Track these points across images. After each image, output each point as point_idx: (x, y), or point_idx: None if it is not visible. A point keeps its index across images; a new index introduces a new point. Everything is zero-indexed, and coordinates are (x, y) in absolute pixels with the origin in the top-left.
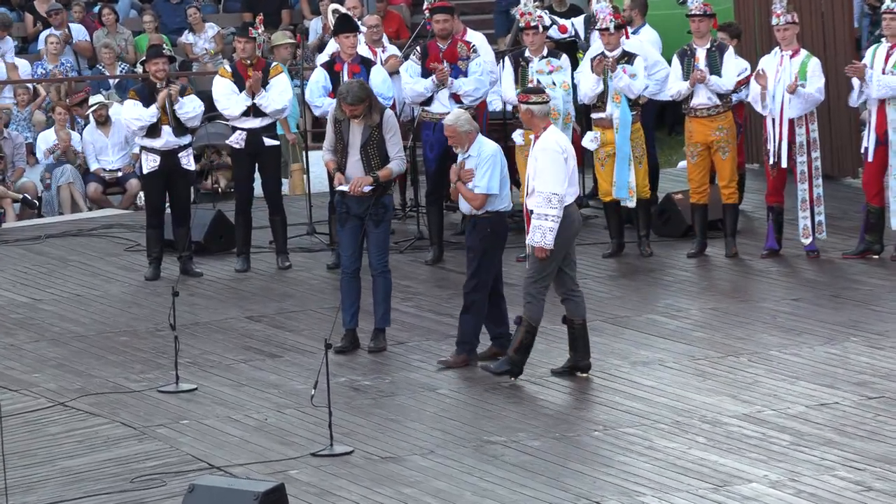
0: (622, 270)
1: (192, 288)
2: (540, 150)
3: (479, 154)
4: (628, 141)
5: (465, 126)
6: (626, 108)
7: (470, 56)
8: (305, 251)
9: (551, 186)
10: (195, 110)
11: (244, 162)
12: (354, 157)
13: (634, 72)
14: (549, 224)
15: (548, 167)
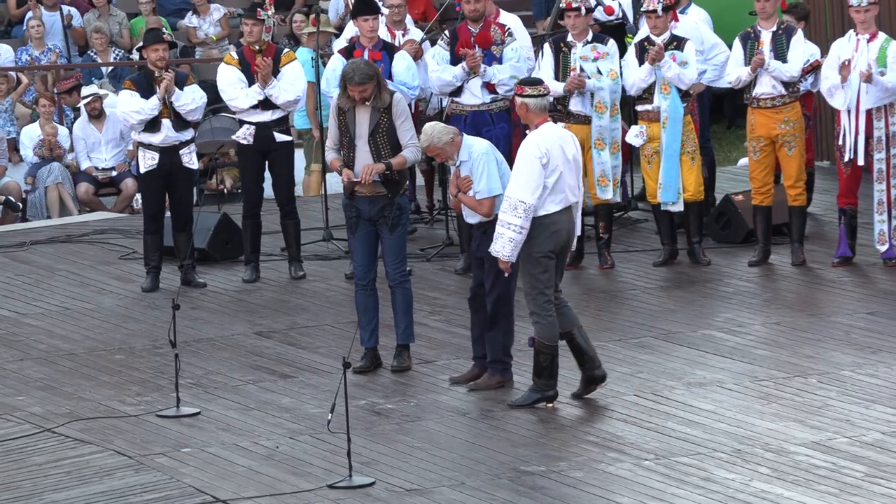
0: (675, 281)
1: (194, 300)
2: (519, 152)
3: (469, 157)
4: (678, 136)
5: (444, 137)
6: (675, 100)
7: (504, 40)
8: (321, 259)
9: (519, 193)
10: (195, 102)
11: (253, 160)
12: (362, 148)
13: (685, 59)
14: (511, 234)
15: (519, 171)
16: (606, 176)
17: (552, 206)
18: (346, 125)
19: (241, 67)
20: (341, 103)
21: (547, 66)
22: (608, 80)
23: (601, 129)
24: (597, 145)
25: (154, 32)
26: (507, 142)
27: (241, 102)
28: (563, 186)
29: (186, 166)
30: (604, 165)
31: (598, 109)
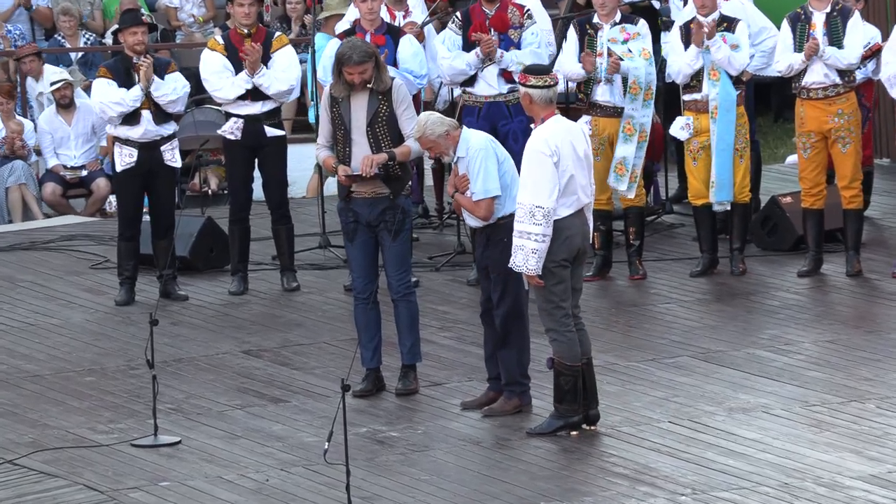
0: (715, 293)
1: (175, 315)
2: (527, 150)
3: (466, 153)
4: (732, 127)
5: (437, 129)
6: (727, 87)
7: (524, 23)
8: (317, 269)
9: (534, 197)
10: (176, 92)
11: (240, 157)
12: (359, 141)
13: (736, 41)
14: (533, 244)
15: (530, 172)
16: (626, 165)
17: (563, 209)
18: (340, 117)
19: (227, 54)
20: (335, 92)
21: (571, 49)
22: (642, 61)
23: (633, 111)
24: (625, 129)
25: (131, 14)
26: (526, 136)
27: (228, 93)
28: (574, 187)
29: (168, 164)
30: (626, 153)
31: (632, 91)
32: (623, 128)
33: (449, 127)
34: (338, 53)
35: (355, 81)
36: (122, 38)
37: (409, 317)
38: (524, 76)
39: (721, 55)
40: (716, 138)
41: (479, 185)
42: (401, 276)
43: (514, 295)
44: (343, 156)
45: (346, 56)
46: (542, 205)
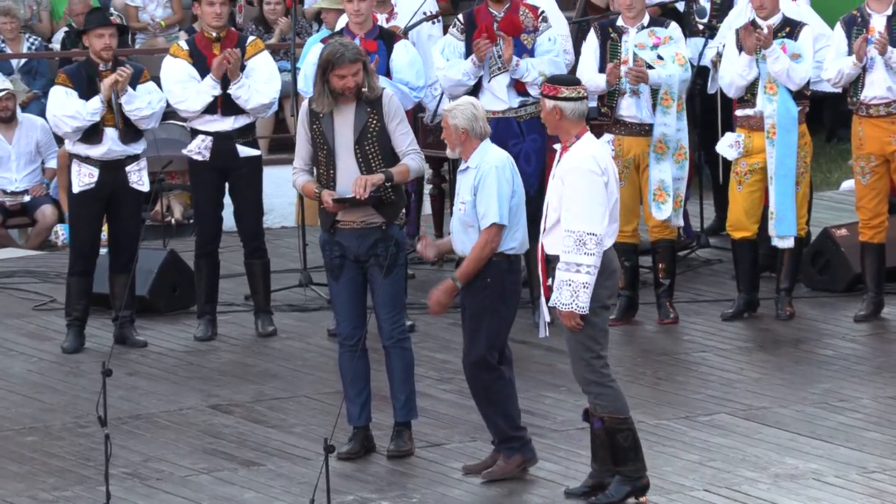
0: (759, 340)
1: (132, 364)
2: (569, 170)
3: (478, 166)
4: (793, 150)
5: (460, 120)
6: (787, 102)
7: (538, 27)
8: (297, 311)
9: (586, 223)
10: (151, 106)
11: (209, 181)
12: (346, 161)
13: (798, 51)
14: (584, 278)
15: (580, 195)
16: (665, 189)
17: (608, 240)
18: (321, 134)
19: (192, 61)
20: (317, 106)
21: (590, 56)
22: (676, 67)
23: (665, 128)
24: (657, 149)
25: (98, 14)
26: (541, 158)
27: (193, 103)
28: (617, 214)
29: (134, 187)
30: (663, 175)
31: (664, 103)
32: (654, 147)
33: (470, 129)
34: (324, 55)
35: (348, 85)
36: (87, 40)
37: (403, 366)
38: (554, 87)
39: (779, 67)
40: (774, 163)
41: (493, 209)
42: (394, 320)
43: (483, 342)
44: (326, 179)
45: (336, 54)
46: (594, 231)
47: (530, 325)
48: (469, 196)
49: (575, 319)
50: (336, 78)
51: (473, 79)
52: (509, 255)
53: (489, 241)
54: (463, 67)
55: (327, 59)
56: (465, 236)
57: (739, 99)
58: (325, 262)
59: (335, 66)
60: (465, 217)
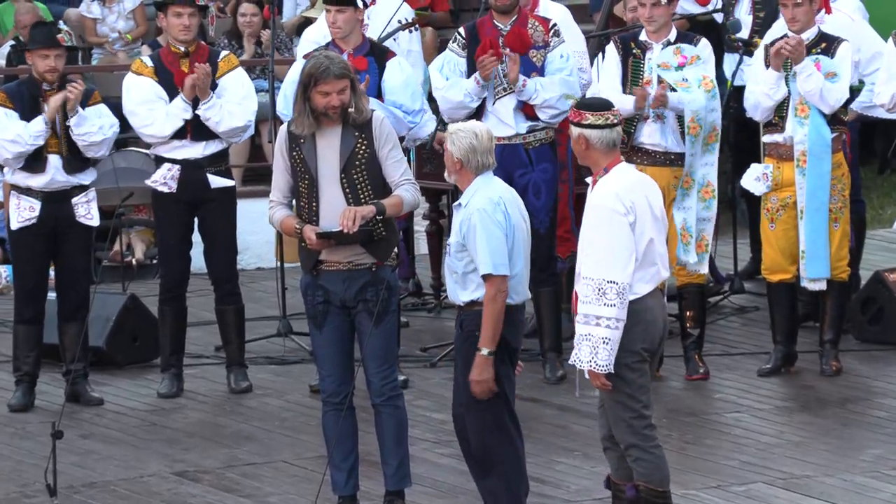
0: (801, 399)
1: (86, 425)
2: (590, 209)
3: (467, 204)
4: (826, 181)
5: (454, 146)
6: (820, 127)
7: (549, 42)
8: (275, 364)
9: (605, 270)
10: (103, 132)
11: (176, 215)
12: (331, 192)
13: (835, 69)
14: (604, 332)
15: (600, 237)
16: (690, 230)
17: (642, 285)
18: (302, 162)
19: (158, 79)
20: (297, 128)
21: (611, 74)
22: (700, 93)
23: (691, 159)
24: (683, 184)
25: (44, 30)
26: (552, 190)
27: (161, 128)
28: (653, 256)
29: (82, 222)
30: (687, 213)
31: (691, 131)
32: (682, 180)
33: (468, 162)
34: (306, 69)
35: (333, 104)
36: (31, 59)
37: (395, 427)
38: (579, 113)
39: (810, 86)
40: (805, 195)
41: (485, 256)
42: (385, 374)
43: (488, 402)
44: (308, 213)
45: (320, 68)
46: (615, 279)
47: (540, 381)
48: (455, 237)
49: (600, 379)
50: (319, 95)
51: (477, 100)
52: (511, 304)
53: (496, 294)
54: (465, 87)
55: (309, 73)
56: (450, 281)
57: (766, 123)
58: (307, 308)
59: (318, 82)
60: (449, 261)
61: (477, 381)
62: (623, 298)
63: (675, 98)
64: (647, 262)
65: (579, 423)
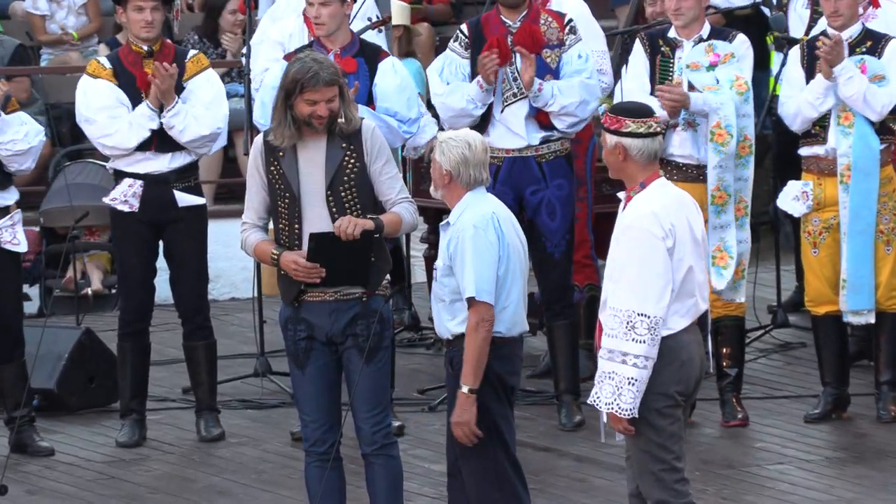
0: (854, 449)
1: (34, 478)
2: (623, 230)
3: (456, 222)
4: (874, 199)
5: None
6: (867, 137)
7: (564, 40)
8: (252, 408)
9: (636, 301)
10: (28, 140)
11: (138, 238)
12: (315, 212)
13: (882, 71)
14: (629, 371)
15: (633, 262)
16: (728, 250)
17: (677, 319)
18: (282, 177)
19: (118, 82)
20: (276, 139)
21: (638, 75)
22: (733, 94)
23: (721, 171)
24: (716, 200)
25: None
26: (567, 210)
27: (124, 139)
28: (692, 286)
29: (6, 248)
30: (725, 232)
31: (716, 138)
32: (712, 197)
33: (459, 176)
34: (291, 73)
35: (319, 114)
36: None
37: (388, 480)
38: (615, 119)
39: (852, 91)
40: (848, 215)
41: (468, 279)
42: (377, 419)
43: (485, 449)
44: (289, 236)
45: (308, 73)
46: (647, 312)
47: (555, 428)
48: (442, 260)
49: (622, 423)
50: (304, 104)
51: (481, 107)
52: (493, 337)
53: (479, 323)
54: (467, 93)
55: (295, 78)
56: (436, 310)
57: (805, 133)
58: (288, 344)
59: (305, 89)
60: (435, 287)
61: (457, 422)
62: (655, 334)
63: (699, 100)
64: (685, 293)
65: (601, 476)
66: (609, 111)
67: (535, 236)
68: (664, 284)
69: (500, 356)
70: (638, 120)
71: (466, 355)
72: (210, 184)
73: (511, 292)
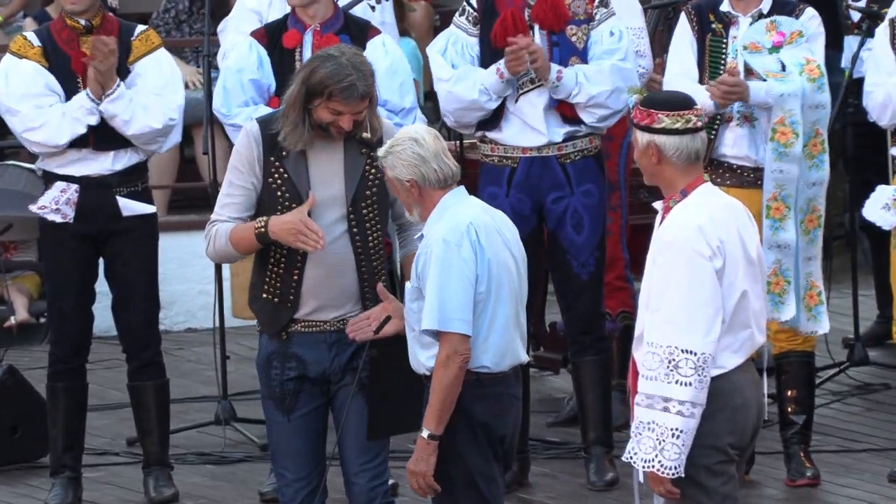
0: None
1: None
2: (661, 248)
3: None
4: None
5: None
6: None
7: (593, 14)
8: (212, 462)
9: (680, 334)
10: None
11: (73, 256)
12: (333, 229)
13: None
14: (673, 421)
15: (675, 287)
16: (786, 275)
17: (729, 356)
18: (287, 181)
19: (48, 64)
20: (290, 141)
21: (684, 57)
22: (801, 81)
23: (782, 178)
24: (771, 212)
25: None
26: (596, 221)
27: (55, 133)
28: (747, 316)
29: None
30: (782, 253)
31: (778, 137)
32: (768, 208)
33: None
34: (320, 75)
35: (343, 127)
36: None
37: None
38: (648, 113)
39: None
40: None
41: (431, 305)
42: (374, 472)
43: None
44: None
45: (343, 84)
46: (693, 348)
47: (582, 487)
48: (410, 283)
49: (665, 484)
50: (327, 111)
51: (496, 100)
52: (478, 373)
53: (450, 356)
54: (480, 80)
55: (323, 82)
56: (412, 345)
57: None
58: (270, 386)
59: (333, 97)
60: (406, 315)
61: (412, 470)
62: (703, 374)
63: (760, 90)
64: (738, 325)
65: None
66: (640, 104)
67: (558, 253)
68: (713, 314)
69: (485, 396)
70: (673, 113)
71: (431, 394)
72: (162, 189)
73: (496, 317)
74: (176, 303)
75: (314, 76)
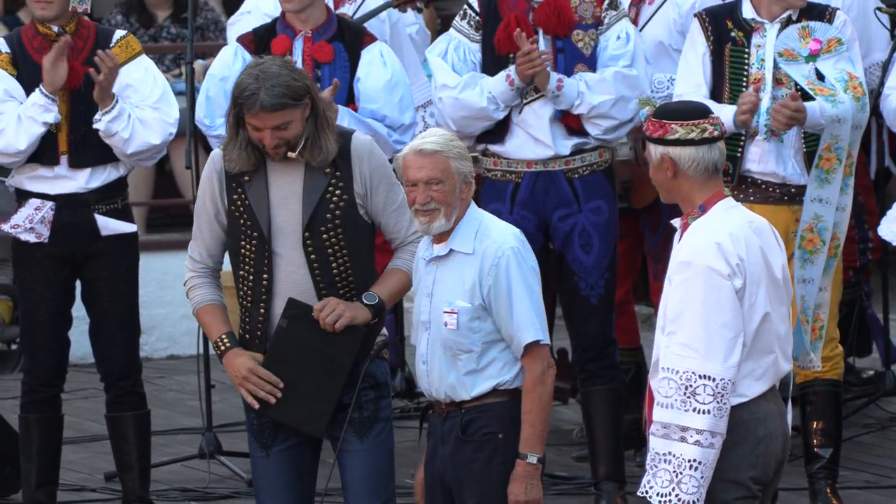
0: None
1: None
2: (677, 268)
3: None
4: None
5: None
6: None
7: (602, 17)
8: (197, 498)
9: (698, 360)
10: None
11: (48, 278)
12: (292, 256)
13: None
14: (691, 451)
15: (692, 310)
16: (807, 313)
17: (752, 383)
18: (248, 210)
19: (16, 72)
20: (231, 164)
21: (693, 69)
22: (847, 99)
23: (821, 207)
24: (804, 244)
25: None
26: (607, 239)
27: (11, 139)
28: (770, 340)
29: None
30: (807, 290)
31: (823, 164)
32: (801, 238)
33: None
34: (236, 85)
35: (266, 143)
36: None
37: None
38: (660, 124)
39: None
40: None
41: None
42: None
43: None
44: (253, 292)
45: (245, 92)
46: (712, 374)
47: None
48: (465, 301)
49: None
50: (250, 127)
51: (504, 109)
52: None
53: (545, 371)
54: (488, 88)
55: (234, 94)
56: (449, 368)
57: None
58: (251, 419)
59: (244, 111)
60: (453, 337)
61: (527, 501)
62: (722, 402)
63: (816, 110)
64: (761, 350)
65: None
66: (652, 115)
67: (565, 275)
68: (733, 337)
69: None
70: (687, 123)
71: (532, 416)
72: (141, 206)
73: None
74: (157, 328)
75: (234, 88)
